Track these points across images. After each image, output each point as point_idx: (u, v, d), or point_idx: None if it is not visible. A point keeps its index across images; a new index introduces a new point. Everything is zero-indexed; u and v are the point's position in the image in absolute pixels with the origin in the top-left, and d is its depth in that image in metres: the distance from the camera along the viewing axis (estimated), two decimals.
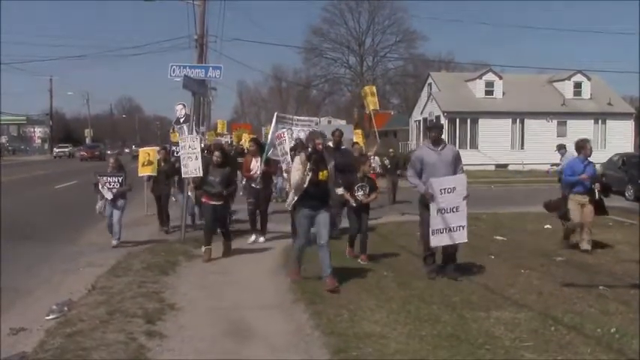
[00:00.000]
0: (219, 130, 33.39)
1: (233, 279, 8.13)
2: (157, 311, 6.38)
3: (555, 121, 37.91)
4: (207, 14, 23.86)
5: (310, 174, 7.13)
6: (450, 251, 7.80)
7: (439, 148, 7.74)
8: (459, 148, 37.21)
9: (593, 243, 9.65)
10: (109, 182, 10.66)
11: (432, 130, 8.05)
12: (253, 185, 11.00)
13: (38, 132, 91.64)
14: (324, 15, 59.45)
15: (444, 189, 7.46)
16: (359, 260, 8.91)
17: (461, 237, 7.61)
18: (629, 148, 35.18)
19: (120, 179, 10.74)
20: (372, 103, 14.56)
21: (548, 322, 5.78)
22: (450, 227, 7.49)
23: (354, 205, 9.04)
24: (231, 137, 30.74)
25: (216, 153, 9.68)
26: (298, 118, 11.74)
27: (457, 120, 38.04)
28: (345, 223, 10.44)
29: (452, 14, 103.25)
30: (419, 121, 44.07)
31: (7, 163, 46.51)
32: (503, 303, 6.49)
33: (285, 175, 10.56)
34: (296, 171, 7.22)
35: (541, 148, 33.09)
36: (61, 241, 11.21)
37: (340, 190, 10.29)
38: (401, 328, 5.71)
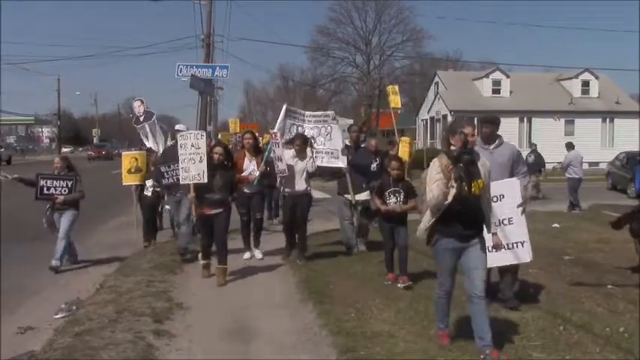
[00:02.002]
0: (231, 130, 32.55)
1: (240, 278, 8.14)
2: (165, 310, 6.40)
3: (563, 120, 37.74)
4: (214, 14, 23.82)
5: (456, 184, 4.76)
6: (507, 275, 6.34)
7: (492, 147, 6.32)
8: None
9: (603, 241, 9.57)
10: (55, 187, 8.71)
11: (485, 124, 6.44)
12: (246, 190, 9.09)
13: (46, 132, 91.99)
14: (330, 14, 59.27)
15: None
16: (398, 284, 7.30)
17: (522, 255, 6.17)
18: (636, 146, 34.99)
19: (69, 183, 8.80)
20: (393, 101, 14.36)
21: (557, 322, 5.75)
22: (505, 244, 5.88)
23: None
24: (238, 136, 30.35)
25: (217, 149, 8.07)
26: (311, 113, 9.97)
27: (464, 119, 37.93)
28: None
29: (458, 13, 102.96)
30: (426, 120, 44.01)
31: (16, 163, 46.70)
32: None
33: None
34: (434, 182, 4.80)
35: (548, 147, 32.93)
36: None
37: (363, 196, 9.24)
38: (409, 327, 5.70)
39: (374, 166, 9.32)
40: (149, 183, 10.59)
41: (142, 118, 11.14)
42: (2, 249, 9.41)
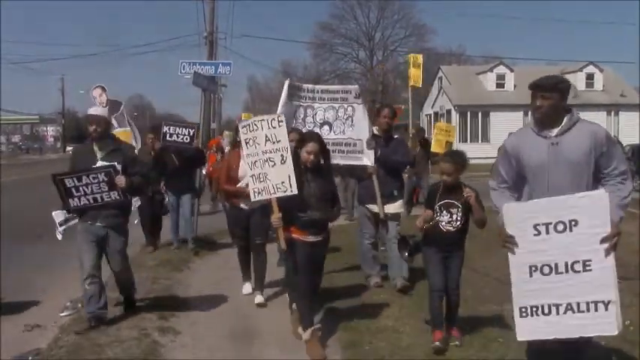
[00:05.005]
0: None
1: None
2: (169, 307, 6.41)
3: None
4: (217, 11, 23.88)
5: None
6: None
7: (554, 134, 3.89)
8: (470, 142, 37.19)
9: None
10: None
11: (540, 90, 4.00)
12: (242, 206, 6.57)
13: (51, 131, 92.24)
14: (333, 11, 59.31)
15: (546, 225, 3.70)
16: (451, 342, 5.09)
17: (603, 325, 3.67)
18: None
19: None
20: (414, 76, 10.97)
21: None
22: (569, 304, 3.69)
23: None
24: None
25: (311, 146, 5.10)
26: (324, 88, 7.32)
27: (468, 113, 37.96)
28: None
29: (461, 7, 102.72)
30: (430, 114, 43.94)
31: (20, 162, 46.90)
32: None
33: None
34: None
35: None
36: (73, 239, 11.21)
37: (394, 207, 6.88)
38: (414, 322, 5.70)
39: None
40: (58, 217, 6.87)
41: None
42: (3, 248, 9.43)
